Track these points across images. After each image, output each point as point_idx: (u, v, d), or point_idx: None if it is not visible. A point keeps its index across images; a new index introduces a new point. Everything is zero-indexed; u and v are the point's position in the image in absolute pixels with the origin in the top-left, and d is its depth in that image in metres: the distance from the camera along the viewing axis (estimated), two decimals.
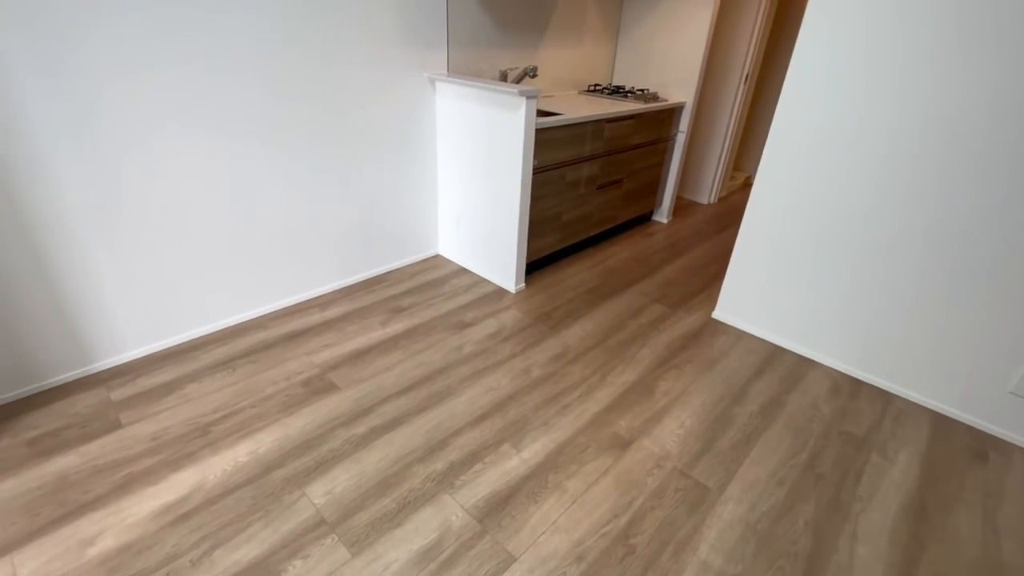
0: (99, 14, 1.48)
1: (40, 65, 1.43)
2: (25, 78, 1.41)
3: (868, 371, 2.01)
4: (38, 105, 1.45)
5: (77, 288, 1.70)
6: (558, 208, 2.62)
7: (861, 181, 1.81)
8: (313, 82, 2.01)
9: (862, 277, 1.91)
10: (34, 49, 1.41)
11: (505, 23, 2.59)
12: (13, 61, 1.39)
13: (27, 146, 1.47)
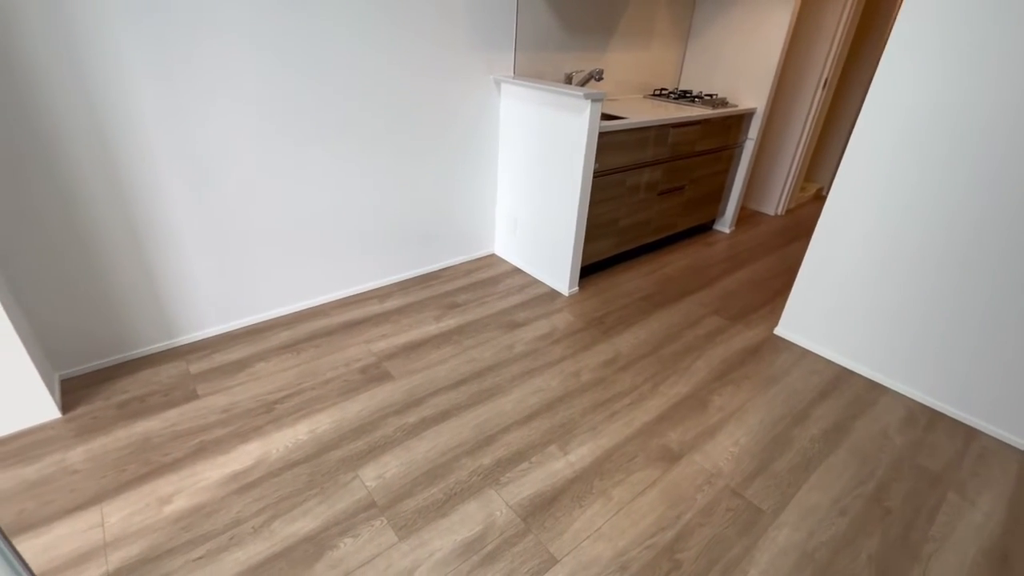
0: (209, 28, 1.61)
1: (155, 71, 1.57)
2: (141, 78, 1.56)
3: (948, 402, 1.86)
4: (149, 104, 1.60)
5: (169, 269, 1.85)
6: (616, 213, 2.59)
7: (951, 198, 1.68)
8: (385, 86, 2.09)
9: (945, 301, 1.77)
10: (153, 57, 1.55)
11: (573, 26, 2.59)
12: (132, 62, 1.54)
13: (135, 138, 1.63)
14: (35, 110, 1.45)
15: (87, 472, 1.45)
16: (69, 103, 1.49)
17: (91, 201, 1.62)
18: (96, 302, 1.75)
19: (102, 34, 1.47)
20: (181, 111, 1.68)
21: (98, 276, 1.73)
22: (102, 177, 1.62)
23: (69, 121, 1.51)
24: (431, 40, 2.14)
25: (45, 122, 1.48)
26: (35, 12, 1.37)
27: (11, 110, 1.42)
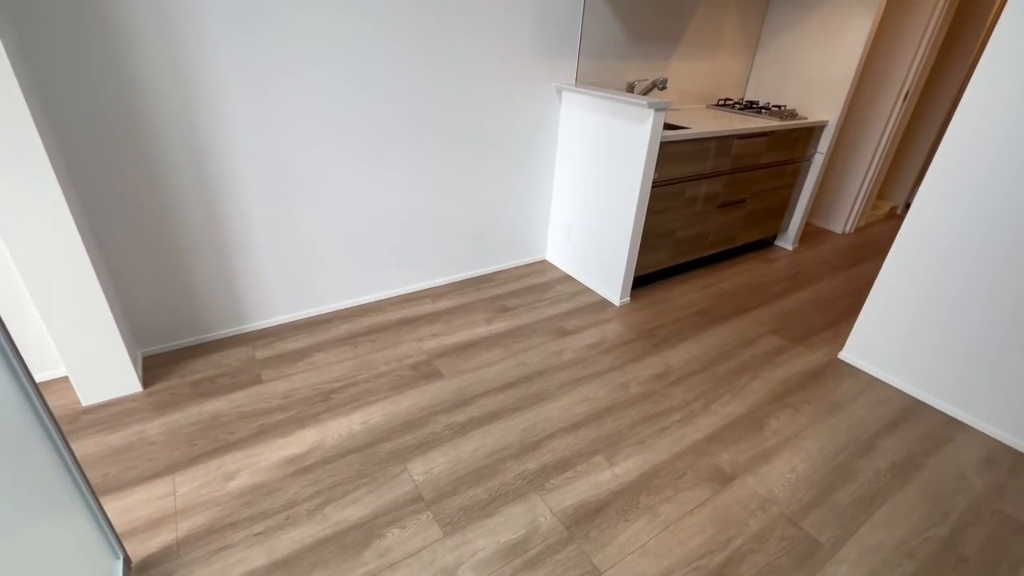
0: (293, 41, 1.71)
1: (246, 87, 1.69)
2: (232, 85, 1.69)
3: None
4: (237, 107, 1.72)
5: (243, 260, 1.98)
6: (673, 224, 2.54)
7: None
8: (451, 95, 2.15)
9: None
10: (243, 69, 1.67)
11: (637, 35, 2.57)
12: (225, 71, 1.66)
13: (223, 138, 1.75)
14: (140, 111, 1.59)
15: (163, 443, 1.56)
16: (169, 106, 1.63)
17: (182, 193, 1.76)
18: (179, 287, 1.89)
19: (201, 45, 1.60)
20: (265, 116, 1.79)
21: (183, 263, 1.87)
22: (192, 170, 1.75)
23: (167, 120, 1.65)
24: (498, 50, 2.18)
25: (147, 121, 1.62)
26: (148, 29, 1.51)
27: (119, 109, 1.57)
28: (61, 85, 1.47)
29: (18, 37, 1.38)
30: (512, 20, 2.17)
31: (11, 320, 1.65)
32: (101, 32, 1.47)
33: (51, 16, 1.40)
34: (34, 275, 1.46)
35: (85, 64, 1.48)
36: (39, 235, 1.43)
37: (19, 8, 1.36)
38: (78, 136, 1.55)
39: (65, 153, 1.55)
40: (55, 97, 1.48)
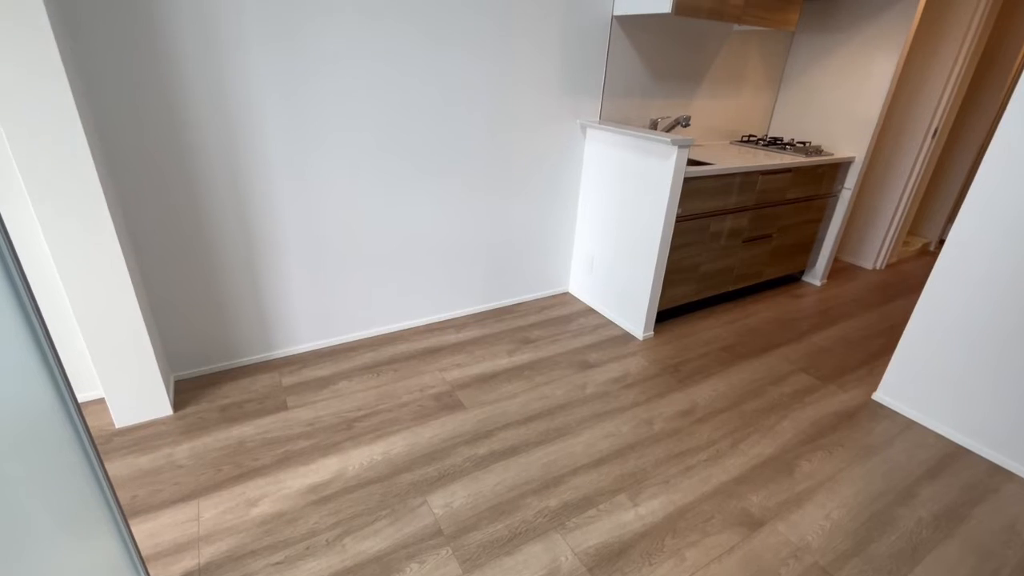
0: (332, 66, 1.82)
1: (282, 115, 1.79)
2: (270, 108, 1.79)
3: None
4: (276, 133, 1.82)
5: (275, 287, 2.04)
6: (697, 258, 2.53)
7: None
8: (477, 127, 2.22)
9: None
10: (281, 92, 1.78)
11: (661, 73, 2.63)
12: (264, 91, 1.76)
13: (261, 164, 1.84)
14: (185, 142, 1.70)
15: (190, 468, 1.59)
16: (209, 124, 1.73)
17: (220, 217, 1.85)
18: (212, 313, 1.96)
19: (242, 61, 1.71)
20: (302, 149, 1.88)
21: (217, 289, 1.94)
22: (232, 200, 1.84)
23: (208, 141, 1.75)
24: (525, 87, 2.26)
25: (187, 140, 1.72)
26: (192, 53, 1.62)
27: (167, 141, 1.67)
28: (117, 123, 1.58)
29: (86, 83, 1.50)
30: (540, 59, 2.25)
31: (56, 342, 1.73)
32: (154, 79, 1.58)
33: (109, 55, 1.52)
34: (80, 299, 1.54)
35: (139, 102, 1.59)
36: (89, 261, 1.51)
37: (85, 56, 1.48)
38: (129, 169, 1.65)
39: (116, 183, 1.65)
40: (111, 133, 1.59)
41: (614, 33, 2.39)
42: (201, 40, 1.60)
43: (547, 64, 2.28)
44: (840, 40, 2.90)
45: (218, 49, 1.64)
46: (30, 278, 1.63)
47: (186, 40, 1.59)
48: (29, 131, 1.33)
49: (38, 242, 1.59)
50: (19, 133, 1.32)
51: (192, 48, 1.60)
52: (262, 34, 1.68)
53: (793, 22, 2.51)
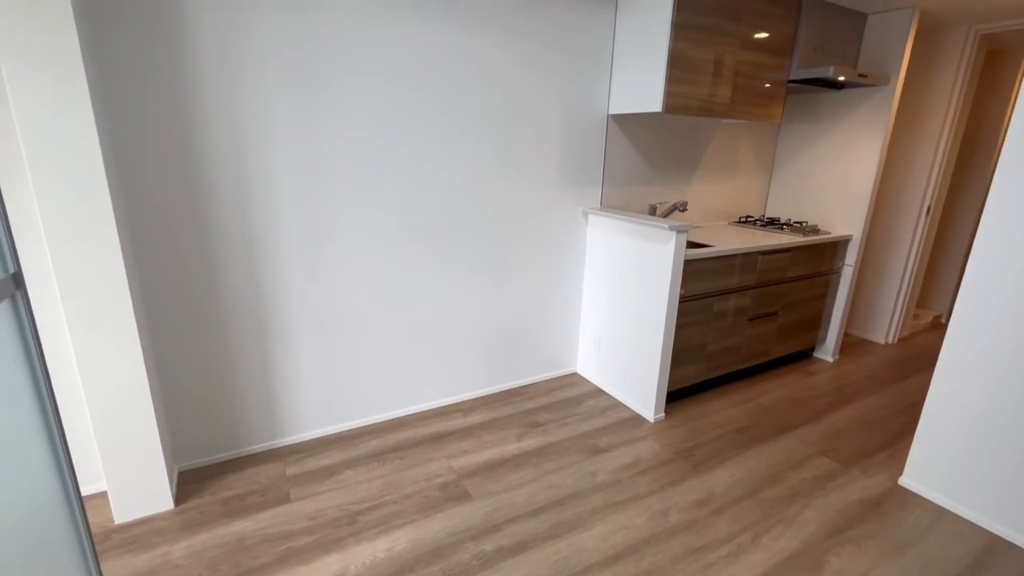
0: (342, 158, 1.97)
1: (300, 180, 1.93)
2: (287, 182, 1.91)
3: None
4: (291, 209, 1.94)
5: (284, 375, 2.07)
6: (703, 338, 2.54)
7: None
8: (481, 215, 2.35)
9: None
10: (298, 167, 1.91)
11: (657, 163, 2.80)
12: (280, 163, 1.90)
13: (274, 249, 1.94)
14: (204, 200, 1.81)
15: (186, 567, 1.53)
16: (228, 197, 1.84)
17: (235, 303, 1.91)
18: (222, 400, 1.98)
19: (269, 168, 1.85)
20: (315, 220, 1.99)
21: (229, 377, 1.97)
22: (248, 279, 1.92)
23: (227, 218, 1.85)
24: (528, 177, 2.41)
25: (207, 216, 1.82)
26: (220, 113, 1.77)
27: (184, 207, 1.78)
28: (144, 204, 1.71)
29: (118, 169, 1.64)
30: (543, 152, 2.42)
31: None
32: (181, 157, 1.73)
33: (136, 108, 1.67)
34: (96, 390, 1.57)
35: (167, 176, 1.72)
36: (107, 349, 1.56)
37: (114, 112, 1.63)
38: (151, 252, 1.75)
39: (140, 268, 1.75)
40: (138, 217, 1.71)
41: (611, 128, 2.58)
42: (229, 117, 1.77)
43: (549, 156, 2.44)
44: (825, 128, 3.09)
45: (241, 117, 1.80)
46: (48, 363, 1.68)
47: (216, 114, 1.75)
48: (64, 216, 1.44)
49: (61, 329, 1.66)
50: (54, 219, 1.43)
51: (221, 127, 1.76)
52: (286, 114, 1.85)
53: (777, 116, 2.69)
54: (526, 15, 2.19)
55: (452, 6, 2.03)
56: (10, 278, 0.84)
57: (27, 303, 0.88)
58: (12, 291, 0.84)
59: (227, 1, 1.66)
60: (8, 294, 0.83)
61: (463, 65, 2.12)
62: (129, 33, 1.56)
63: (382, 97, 1.99)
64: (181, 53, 1.64)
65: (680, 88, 2.27)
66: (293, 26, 1.77)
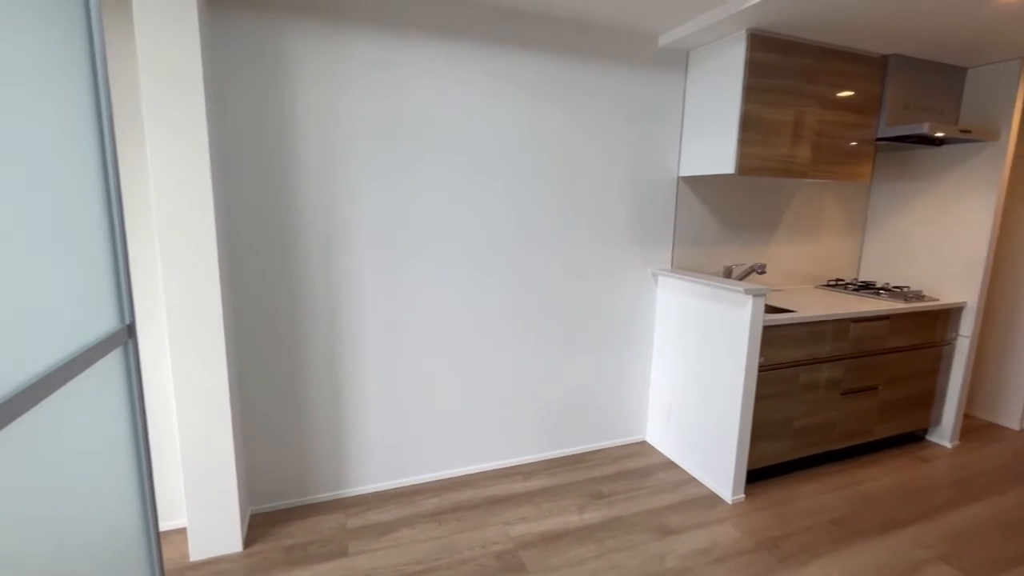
0: (419, 226, 2.10)
1: (376, 261, 2.07)
2: (368, 251, 2.06)
3: None
4: (371, 278, 2.07)
5: (353, 426, 2.14)
6: (790, 411, 2.31)
7: None
8: (548, 277, 2.37)
9: None
10: (381, 249, 2.06)
11: (732, 223, 2.71)
12: (365, 234, 2.04)
13: (352, 309, 2.07)
14: (292, 256, 1.97)
15: None
16: (314, 268, 2.00)
17: (315, 355, 2.04)
18: (295, 448, 2.07)
19: (349, 199, 2.01)
20: (391, 295, 2.10)
21: (303, 426, 2.07)
22: (328, 334, 2.05)
23: (311, 269, 2.00)
24: (595, 237, 2.43)
25: (293, 270, 1.98)
26: (313, 179, 1.96)
27: (276, 259, 1.95)
28: (240, 248, 1.90)
29: (225, 227, 1.86)
30: (610, 212, 2.43)
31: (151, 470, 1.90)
32: (278, 208, 1.92)
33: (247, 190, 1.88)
34: (189, 431, 1.72)
35: (262, 228, 1.92)
36: (202, 394, 1.71)
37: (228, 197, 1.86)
38: (245, 306, 1.93)
39: (235, 321, 1.92)
40: (235, 255, 1.90)
41: (681, 190, 2.56)
42: (320, 180, 1.96)
43: (616, 217, 2.45)
44: (924, 186, 2.85)
45: (332, 180, 1.98)
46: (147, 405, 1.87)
47: (310, 184, 1.94)
48: (178, 268, 1.64)
49: (162, 375, 1.85)
50: (171, 272, 1.63)
51: (314, 193, 1.95)
52: (370, 175, 2.02)
53: (866, 174, 2.53)
54: (592, 89, 2.29)
55: (521, 87, 2.17)
56: (125, 329, 0.96)
57: (136, 351, 1.00)
58: (125, 340, 0.96)
59: (328, 79, 1.90)
60: (121, 342, 0.95)
61: (528, 135, 2.23)
62: (243, 95, 1.82)
63: (454, 166, 2.13)
64: (286, 116, 1.88)
65: (754, 149, 2.22)
66: (382, 102, 1.98)
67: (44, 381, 0.74)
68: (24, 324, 0.72)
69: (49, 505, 0.77)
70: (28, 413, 0.71)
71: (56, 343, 0.79)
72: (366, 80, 1.94)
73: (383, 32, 1.94)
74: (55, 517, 0.78)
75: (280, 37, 1.82)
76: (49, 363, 0.77)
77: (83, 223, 0.87)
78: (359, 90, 1.94)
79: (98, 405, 0.90)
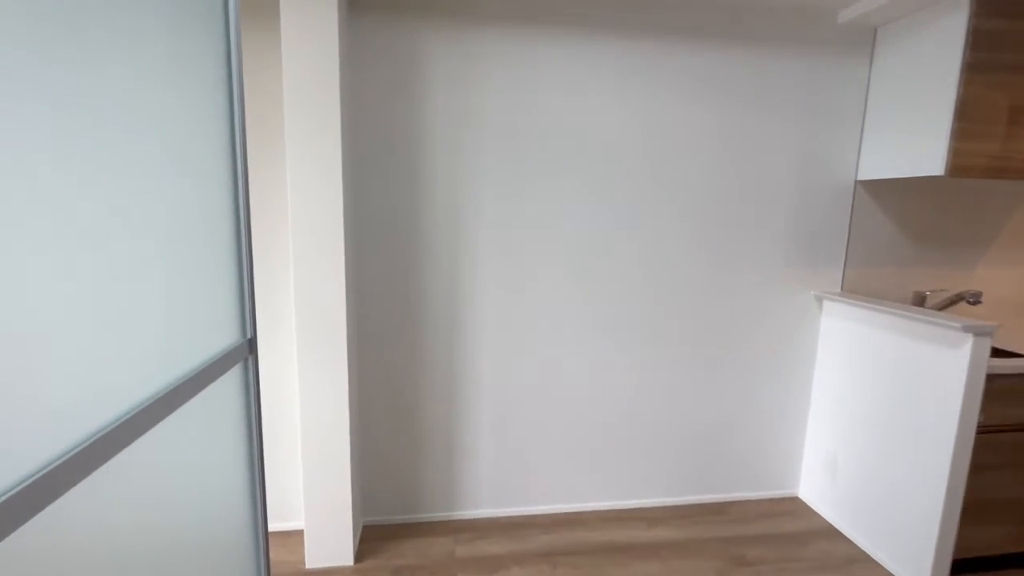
0: (542, 241, 1.94)
1: (499, 273, 1.94)
2: (489, 265, 1.94)
3: None
4: (491, 318, 1.95)
5: (465, 446, 2.04)
6: (1018, 490, 1.74)
7: None
8: (686, 298, 2.07)
9: None
10: (500, 267, 1.94)
11: (925, 239, 2.16)
12: (485, 253, 1.93)
13: (475, 342, 1.96)
14: (416, 285, 1.92)
15: None
16: (437, 280, 1.92)
17: (432, 369, 1.97)
18: (408, 463, 2.02)
19: (475, 258, 1.91)
20: (513, 301, 1.97)
21: (417, 440, 2.01)
22: (444, 351, 1.97)
23: (434, 297, 1.93)
24: (750, 254, 2.07)
25: (417, 284, 1.92)
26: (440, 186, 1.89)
27: (398, 266, 1.91)
28: (366, 262, 1.89)
29: (354, 245, 1.86)
30: (766, 224, 2.06)
31: (274, 472, 1.95)
32: (404, 230, 1.88)
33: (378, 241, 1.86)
34: (311, 432, 1.72)
35: (385, 247, 1.88)
36: (323, 392, 1.71)
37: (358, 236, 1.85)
38: (368, 320, 1.91)
39: (359, 334, 1.92)
40: (360, 265, 1.89)
41: (859, 198, 2.10)
42: (447, 191, 1.88)
43: (773, 228, 2.07)
44: None
45: (456, 197, 1.89)
46: (276, 409, 1.92)
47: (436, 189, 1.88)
48: (308, 284, 1.65)
49: (284, 371, 1.90)
50: (302, 286, 1.65)
51: (439, 202, 1.88)
52: (493, 195, 1.90)
53: None
54: (749, 81, 1.96)
55: (663, 82, 1.92)
56: (246, 343, 0.90)
57: (255, 366, 0.94)
58: (246, 355, 0.91)
59: (458, 82, 1.82)
60: (242, 357, 0.90)
61: (671, 135, 1.96)
62: (376, 100, 1.81)
63: (584, 169, 1.94)
64: (416, 140, 1.83)
65: (973, 145, 1.73)
66: (510, 102, 1.86)
67: (169, 396, 0.70)
68: (153, 340, 0.69)
69: (167, 511, 0.74)
70: (153, 428, 0.67)
71: (182, 357, 0.75)
72: (495, 80, 1.83)
73: (513, 27, 1.82)
74: (172, 523, 0.75)
75: (414, 39, 1.78)
76: (175, 377, 0.73)
77: (214, 240, 0.83)
78: (489, 90, 1.84)
79: (217, 417, 0.85)
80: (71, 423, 0.55)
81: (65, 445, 0.54)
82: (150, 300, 0.68)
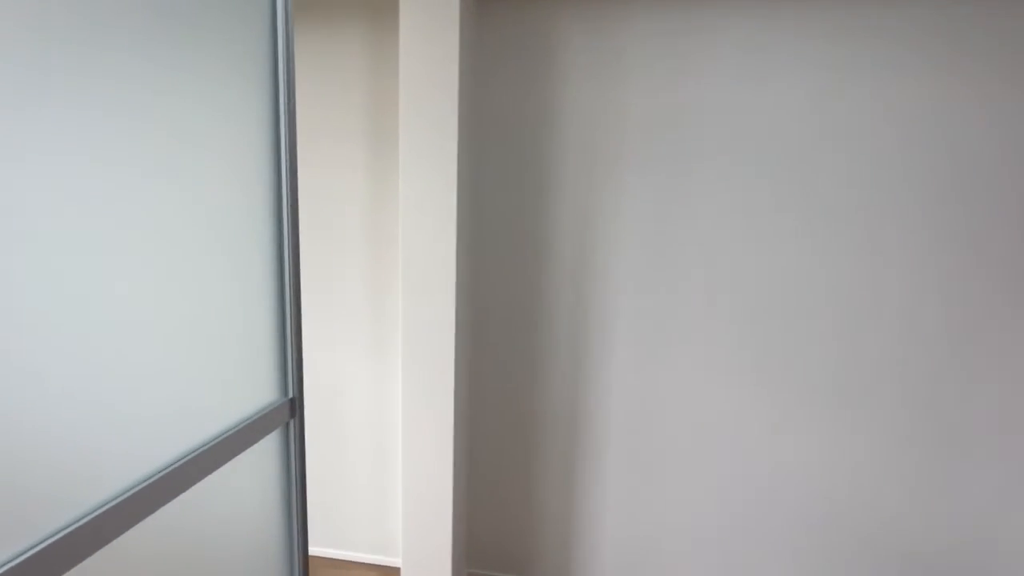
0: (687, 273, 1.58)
1: (633, 304, 1.64)
2: (620, 339, 1.65)
3: None
4: (619, 357, 1.66)
5: (585, 515, 1.77)
6: None
7: None
8: (902, 340, 1.47)
9: None
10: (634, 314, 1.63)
11: None
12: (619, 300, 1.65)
13: (602, 378, 1.69)
14: (537, 299, 1.73)
15: None
16: (562, 298, 1.71)
17: (551, 416, 1.76)
18: (519, 519, 1.83)
19: (607, 301, 1.65)
20: (650, 335, 1.65)
21: (530, 496, 1.81)
22: (566, 394, 1.74)
23: (558, 316, 1.72)
24: (992, 302, 1.40)
25: (536, 315, 1.73)
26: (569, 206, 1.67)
27: (518, 300, 1.74)
28: (481, 294, 1.76)
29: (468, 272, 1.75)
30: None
31: (380, 500, 1.92)
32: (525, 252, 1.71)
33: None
34: (413, 474, 1.64)
35: (504, 268, 1.73)
36: (429, 445, 1.62)
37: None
38: (481, 349, 1.78)
39: (469, 369, 1.80)
40: (476, 298, 1.76)
41: None
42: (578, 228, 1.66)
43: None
44: None
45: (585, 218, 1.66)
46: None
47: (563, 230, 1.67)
48: (417, 320, 1.58)
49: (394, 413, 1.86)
50: (412, 325, 1.58)
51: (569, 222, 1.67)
52: (633, 215, 1.62)
53: None
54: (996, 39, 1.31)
55: (867, 54, 1.40)
56: (287, 404, 0.81)
57: (300, 429, 0.85)
58: (287, 418, 0.82)
59: (597, 80, 1.59)
60: (283, 421, 0.81)
61: (878, 130, 1.42)
62: (502, 95, 1.68)
63: (749, 180, 1.52)
64: (545, 140, 1.66)
65: None
66: (655, 97, 1.56)
67: (205, 455, 0.65)
68: (184, 401, 0.65)
69: None
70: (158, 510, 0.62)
71: (214, 419, 0.69)
72: (638, 70, 1.54)
73: (662, 7, 1.52)
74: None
75: (548, 26, 1.59)
76: (208, 437, 0.67)
77: (251, 285, 0.75)
78: (629, 83, 1.56)
79: (246, 493, 0.76)
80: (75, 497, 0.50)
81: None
82: (167, 356, 0.63)
